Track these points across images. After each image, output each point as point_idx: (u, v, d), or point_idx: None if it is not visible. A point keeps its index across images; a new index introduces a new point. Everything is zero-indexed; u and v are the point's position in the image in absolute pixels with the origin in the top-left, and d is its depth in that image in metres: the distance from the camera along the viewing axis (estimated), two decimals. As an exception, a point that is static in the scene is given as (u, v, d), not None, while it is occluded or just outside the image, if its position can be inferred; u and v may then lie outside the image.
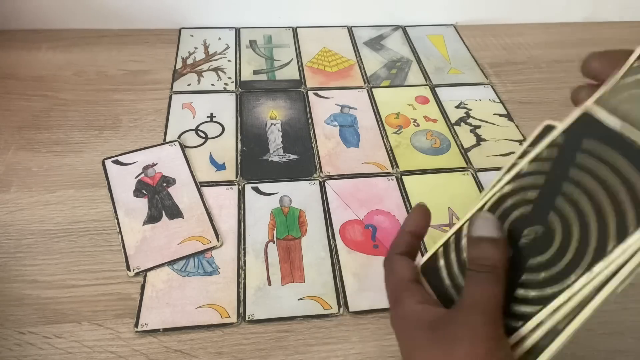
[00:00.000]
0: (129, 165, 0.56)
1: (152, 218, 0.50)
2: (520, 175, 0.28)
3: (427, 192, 0.55)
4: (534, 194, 0.26)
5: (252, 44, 0.77)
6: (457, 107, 0.67)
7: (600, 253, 0.23)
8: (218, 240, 0.49)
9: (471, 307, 0.25)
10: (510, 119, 0.66)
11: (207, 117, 0.63)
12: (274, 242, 0.49)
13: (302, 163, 0.58)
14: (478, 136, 0.63)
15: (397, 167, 0.58)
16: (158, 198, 0.52)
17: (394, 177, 0.57)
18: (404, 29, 0.83)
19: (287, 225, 0.51)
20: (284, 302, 0.45)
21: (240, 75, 0.70)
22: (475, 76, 0.73)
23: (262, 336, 0.42)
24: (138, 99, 0.65)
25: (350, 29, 0.82)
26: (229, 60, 0.73)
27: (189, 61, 0.72)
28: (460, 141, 0.62)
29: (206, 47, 0.75)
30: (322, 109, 0.66)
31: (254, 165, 0.57)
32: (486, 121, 0.65)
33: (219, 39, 0.77)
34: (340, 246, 0.49)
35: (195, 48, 0.75)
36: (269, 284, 0.46)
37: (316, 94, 0.68)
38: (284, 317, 0.44)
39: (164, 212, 0.51)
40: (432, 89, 0.70)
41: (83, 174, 0.55)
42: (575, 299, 0.23)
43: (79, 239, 0.48)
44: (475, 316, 0.24)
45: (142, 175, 0.55)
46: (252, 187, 0.54)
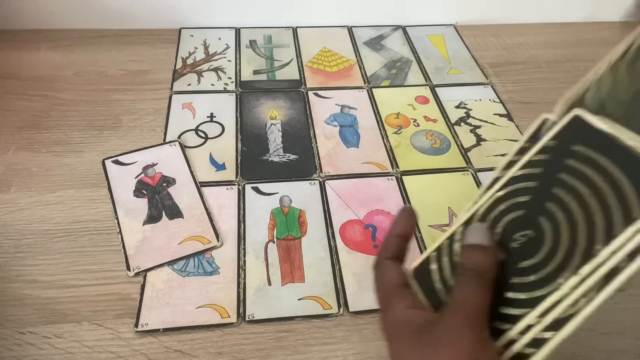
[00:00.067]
0: (129, 165, 0.56)
1: (152, 218, 0.50)
2: (514, 179, 0.28)
3: (427, 192, 0.55)
4: (525, 198, 0.27)
5: (252, 44, 0.77)
6: (457, 107, 0.67)
7: (588, 255, 0.23)
8: (218, 240, 0.49)
9: (457, 311, 0.25)
10: (510, 119, 0.66)
11: (207, 117, 0.63)
12: (274, 242, 0.49)
13: (302, 163, 0.58)
14: (478, 136, 0.63)
15: (397, 167, 0.58)
16: (158, 198, 0.52)
17: (394, 177, 0.57)
18: (404, 29, 0.83)
19: (287, 225, 0.51)
20: (284, 302, 0.45)
21: (240, 75, 0.70)
22: (475, 76, 0.73)
23: (262, 336, 0.42)
24: (138, 99, 0.65)
25: (350, 29, 0.82)
26: (229, 60, 0.73)
27: (189, 61, 0.72)
28: (460, 141, 0.62)
29: (206, 47, 0.75)
30: (322, 109, 0.66)
31: (254, 165, 0.57)
32: (486, 121, 0.65)
33: (219, 39, 0.77)
34: (340, 246, 0.49)
35: (195, 48, 0.75)
36: (269, 284, 0.46)
37: (316, 94, 0.68)
38: (284, 317, 0.44)
39: (164, 212, 0.51)
40: (432, 89, 0.70)
41: (83, 174, 0.55)
42: (565, 302, 0.23)
43: (79, 239, 0.48)
44: (460, 319, 0.25)
45: (142, 175, 0.55)
46: (252, 187, 0.54)
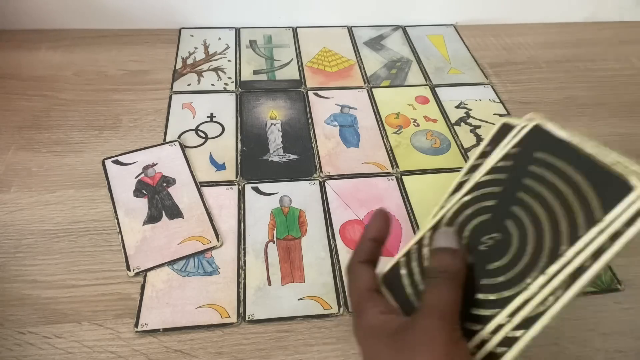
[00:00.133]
0: (129, 165, 0.56)
1: (152, 218, 0.50)
2: (479, 185, 0.29)
3: (426, 192, 0.55)
4: (491, 202, 0.28)
5: (252, 44, 0.77)
6: (457, 107, 0.67)
7: (554, 255, 0.24)
8: (218, 240, 0.49)
9: (429, 313, 0.25)
10: (510, 119, 0.66)
11: (207, 117, 0.63)
12: (274, 242, 0.49)
13: (302, 163, 0.58)
14: (478, 136, 0.63)
15: (397, 167, 0.58)
16: (158, 198, 0.52)
17: (394, 177, 0.57)
18: (404, 29, 0.83)
19: (287, 225, 0.51)
20: (284, 302, 0.45)
21: (240, 75, 0.70)
22: (475, 76, 0.73)
23: (262, 336, 0.42)
24: (138, 99, 0.65)
25: (350, 29, 0.82)
26: (229, 60, 0.73)
27: (189, 61, 0.72)
28: (460, 141, 0.62)
29: (206, 47, 0.75)
30: (322, 109, 0.66)
31: (254, 165, 0.57)
32: (486, 121, 0.65)
33: (219, 39, 0.77)
34: (340, 246, 0.49)
35: (195, 48, 0.75)
36: (269, 284, 0.46)
37: (316, 94, 0.68)
38: (284, 317, 0.44)
39: (164, 212, 0.51)
40: (432, 89, 0.70)
41: (83, 174, 0.55)
42: (533, 302, 0.24)
43: (79, 239, 0.48)
44: (433, 321, 0.25)
45: (142, 175, 0.55)
46: (252, 187, 0.54)
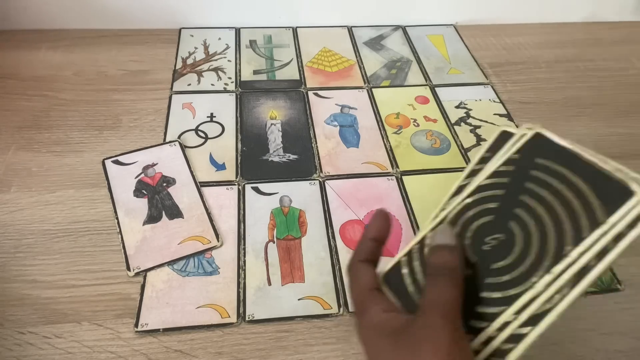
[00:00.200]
0: (129, 165, 0.56)
1: (152, 218, 0.50)
2: (481, 188, 0.30)
3: (427, 192, 0.55)
4: (494, 205, 0.29)
5: (252, 44, 0.77)
6: (457, 107, 0.67)
7: (559, 255, 0.24)
8: (218, 240, 0.49)
9: (431, 310, 0.25)
10: (510, 119, 0.66)
11: (207, 117, 0.63)
12: (274, 242, 0.49)
13: (302, 163, 0.58)
14: (478, 136, 0.63)
15: (397, 167, 0.58)
16: (158, 198, 0.52)
17: (394, 177, 0.57)
18: (404, 29, 0.83)
19: (287, 225, 0.51)
20: (284, 302, 0.45)
21: (240, 75, 0.70)
22: (475, 76, 0.73)
23: (262, 336, 0.42)
24: (138, 99, 0.65)
25: (350, 29, 0.82)
26: (229, 60, 0.73)
27: (189, 61, 0.72)
28: (460, 141, 0.62)
29: (206, 47, 0.75)
30: (322, 109, 0.66)
31: (254, 165, 0.57)
32: (486, 121, 0.65)
33: (219, 39, 0.77)
34: (340, 246, 0.49)
35: (195, 48, 0.75)
36: (269, 284, 0.46)
37: (316, 94, 0.68)
38: (284, 317, 0.44)
39: (164, 212, 0.51)
40: (432, 89, 0.70)
41: (83, 174, 0.55)
42: (540, 299, 0.24)
43: (79, 239, 0.48)
44: (435, 318, 0.25)
45: (142, 175, 0.55)
46: (252, 187, 0.54)
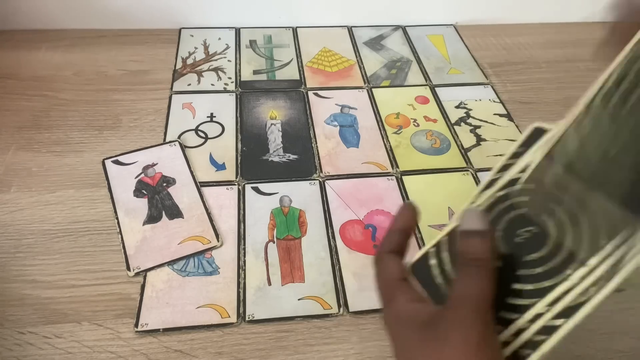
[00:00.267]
0: (129, 165, 0.56)
1: (152, 218, 0.50)
2: (513, 181, 0.29)
3: (427, 192, 0.55)
4: (527, 198, 0.28)
5: (252, 44, 0.77)
6: (457, 107, 0.67)
7: (594, 248, 0.24)
8: (218, 240, 0.49)
9: (461, 303, 0.25)
10: (510, 119, 0.66)
11: (207, 117, 0.63)
12: (274, 242, 0.49)
13: (302, 163, 0.58)
14: (478, 136, 0.63)
15: (397, 167, 0.58)
16: (158, 198, 0.52)
17: (394, 177, 0.57)
18: (404, 29, 0.83)
19: (287, 225, 0.51)
20: (284, 302, 0.45)
21: (240, 75, 0.70)
22: (475, 76, 0.73)
23: (262, 336, 0.42)
24: (138, 99, 0.65)
25: (350, 29, 0.82)
26: (229, 60, 0.73)
27: (189, 61, 0.72)
28: (460, 141, 0.62)
29: (206, 47, 0.75)
30: (322, 109, 0.66)
31: (254, 165, 0.57)
32: (486, 121, 0.65)
33: (219, 39, 0.77)
34: (340, 246, 0.49)
35: (195, 48, 0.75)
36: (269, 284, 0.46)
37: (316, 94, 0.68)
38: (284, 317, 0.44)
39: (164, 212, 0.51)
40: (432, 89, 0.70)
41: (83, 174, 0.55)
42: (574, 292, 0.24)
43: (79, 239, 0.48)
44: (465, 312, 0.24)
45: (142, 175, 0.55)
46: (252, 187, 0.54)
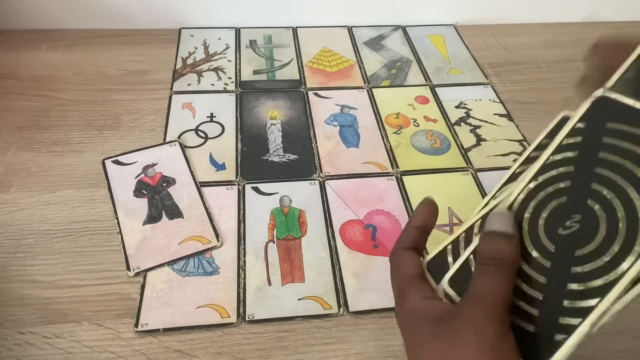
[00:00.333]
0: (129, 165, 0.56)
1: (152, 218, 0.50)
2: (546, 167, 0.26)
3: (427, 192, 0.54)
4: (566, 184, 0.25)
5: (252, 44, 0.77)
6: (457, 107, 0.67)
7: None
8: (218, 240, 0.49)
9: (477, 301, 0.24)
10: (510, 119, 0.66)
11: (207, 117, 0.63)
12: (274, 242, 0.49)
13: (302, 163, 0.58)
14: (478, 136, 0.63)
15: (397, 167, 0.58)
16: (158, 198, 0.52)
17: (394, 177, 0.57)
18: (404, 29, 0.83)
19: (287, 225, 0.51)
20: (284, 302, 0.45)
21: (240, 75, 0.70)
22: (475, 76, 0.73)
23: (262, 336, 0.42)
24: (138, 99, 0.65)
25: (350, 29, 0.82)
26: (229, 60, 0.73)
27: (189, 61, 0.72)
28: (460, 141, 0.62)
29: (206, 47, 0.75)
30: (322, 109, 0.66)
31: (254, 165, 0.57)
32: (486, 121, 0.65)
33: (219, 39, 0.77)
34: (340, 246, 0.49)
35: (195, 48, 0.75)
36: (269, 284, 0.46)
37: (316, 94, 0.68)
38: (284, 317, 0.44)
39: (164, 212, 0.51)
40: (432, 89, 0.70)
41: (83, 174, 0.55)
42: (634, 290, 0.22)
43: (79, 239, 0.48)
44: (481, 311, 0.24)
45: (142, 175, 0.55)
46: (252, 187, 0.54)
